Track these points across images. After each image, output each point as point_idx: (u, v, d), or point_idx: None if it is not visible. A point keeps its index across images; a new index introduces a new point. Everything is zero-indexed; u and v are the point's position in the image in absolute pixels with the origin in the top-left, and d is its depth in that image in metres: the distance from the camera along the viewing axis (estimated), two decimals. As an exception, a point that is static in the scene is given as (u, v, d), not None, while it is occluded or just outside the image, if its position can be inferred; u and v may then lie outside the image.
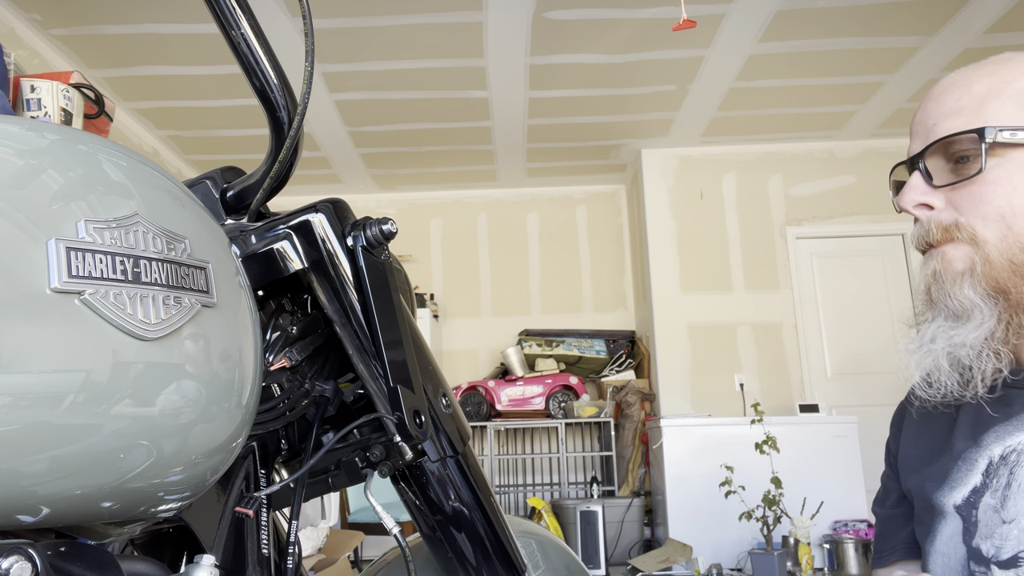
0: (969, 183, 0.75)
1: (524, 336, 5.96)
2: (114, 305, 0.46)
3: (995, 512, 0.76)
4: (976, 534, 0.78)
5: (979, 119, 0.75)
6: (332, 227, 0.72)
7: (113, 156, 0.53)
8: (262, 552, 0.70)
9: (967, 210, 0.76)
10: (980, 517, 0.78)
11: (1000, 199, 0.74)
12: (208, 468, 0.55)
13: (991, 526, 0.76)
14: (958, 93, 0.77)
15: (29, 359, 0.42)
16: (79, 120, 2.99)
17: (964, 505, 0.80)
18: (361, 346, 0.72)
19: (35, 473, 0.44)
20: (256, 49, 0.72)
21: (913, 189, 0.79)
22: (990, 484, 0.78)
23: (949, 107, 0.77)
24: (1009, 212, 0.73)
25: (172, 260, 0.51)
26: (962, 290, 0.75)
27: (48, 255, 0.44)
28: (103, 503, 0.49)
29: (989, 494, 0.78)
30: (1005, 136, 0.73)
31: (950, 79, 0.80)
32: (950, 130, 0.76)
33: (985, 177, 0.74)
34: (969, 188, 0.75)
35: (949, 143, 0.76)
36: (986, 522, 0.77)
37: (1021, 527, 0.73)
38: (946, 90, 0.79)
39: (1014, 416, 0.78)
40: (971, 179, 0.75)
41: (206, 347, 0.53)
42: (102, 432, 0.46)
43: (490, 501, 0.81)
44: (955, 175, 0.77)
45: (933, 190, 0.78)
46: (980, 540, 0.77)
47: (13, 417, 0.42)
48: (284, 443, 0.77)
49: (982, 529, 0.77)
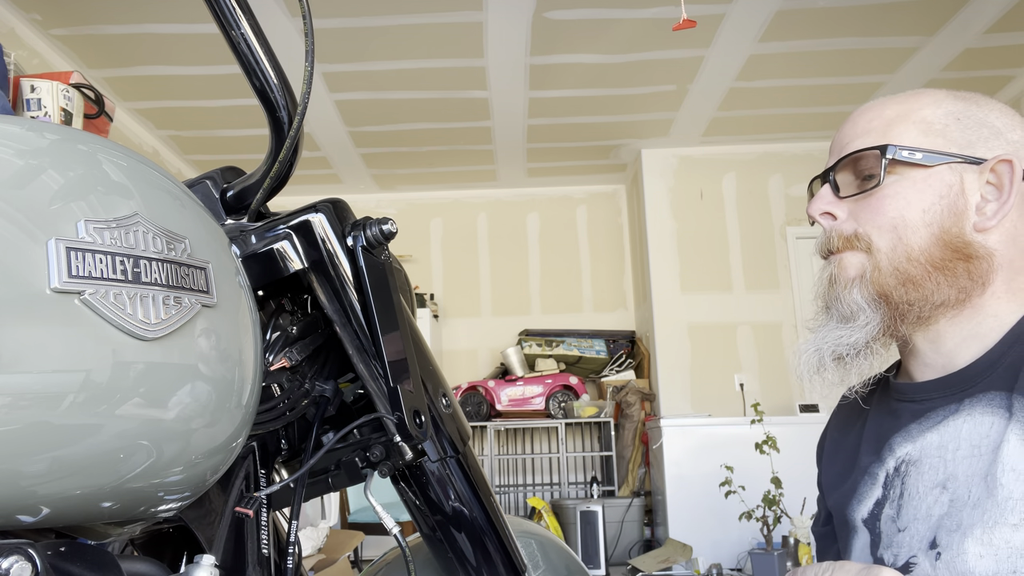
0: (869, 195, 0.81)
1: (524, 336, 5.96)
2: (114, 305, 0.46)
3: (892, 522, 0.80)
4: (880, 545, 0.82)
5: (885, 139, 0.81)
6: (332, 227, 0.72)
7: (113, 156, 0.52)
8: (262, 552, 0.70)
9: (865, 220, 0.81)
10: (882, 528, 0.82)
11: (894, 211, 0.80)
12: (208, 468, 0.55)
13: (890, 535, 0.80)
14: (871, 116, 0.85)
15: (29, 359, 0.42)
16: (79, 120, 2.99)
17: (869, 518, 0.84)
18: (361, 346, 0.72)
19: (35, 473, 0.44)
20: (256, 49, 0.72)
21: (821, 199, 0.86)
22: (889, 496, 0.83)
23: (862, 128, 0.85)
24: (901, 224, 0.79)
25: (172, 260, 0.51)
26: (851, 294, 0.81)
27: (48, 255, 0.44)
28: (103, 503, 0.49)
29: (888, 505, 0.82)
30: (903, 155, 0.80)
31: (868, 105, 0.88)
32: (859, 147, 0.83)
33: (883, 191, 0.80)
34: (869, 200, 0.82)
35: (857, 159, 0.83)
36: (887, 532, 0.81)
37: (911, 534, 0.77)
38: (862, 113, 0.87)
39: (902, 428, 0.83)
40: (870, 191, 0.81)
41: (206, 347, 0.53)
42: (102, 432, 0.46)
43: (490, 501, 0.81)
44: (858, 188, 0.83)
45: (838, 201, 0.84)
46: (883, 550, 0.81)
47: (13, 417, 0.42)
48: (284, 443, 0.77)
49: (884, 539, 0.81)
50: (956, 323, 0.79)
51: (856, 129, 0.86)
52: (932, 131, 0.81)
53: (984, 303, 0.78)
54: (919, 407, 0.82)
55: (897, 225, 0.79)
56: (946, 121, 0.81)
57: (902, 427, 0.83)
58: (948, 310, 0.79)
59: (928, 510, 0.76)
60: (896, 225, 0.79)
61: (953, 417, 0.78)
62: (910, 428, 0.82)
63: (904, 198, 0.80)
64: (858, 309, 0.80)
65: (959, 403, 0.78)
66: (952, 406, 0.78)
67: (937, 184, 0.79)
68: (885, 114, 0.84)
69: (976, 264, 0.78)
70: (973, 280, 0.78)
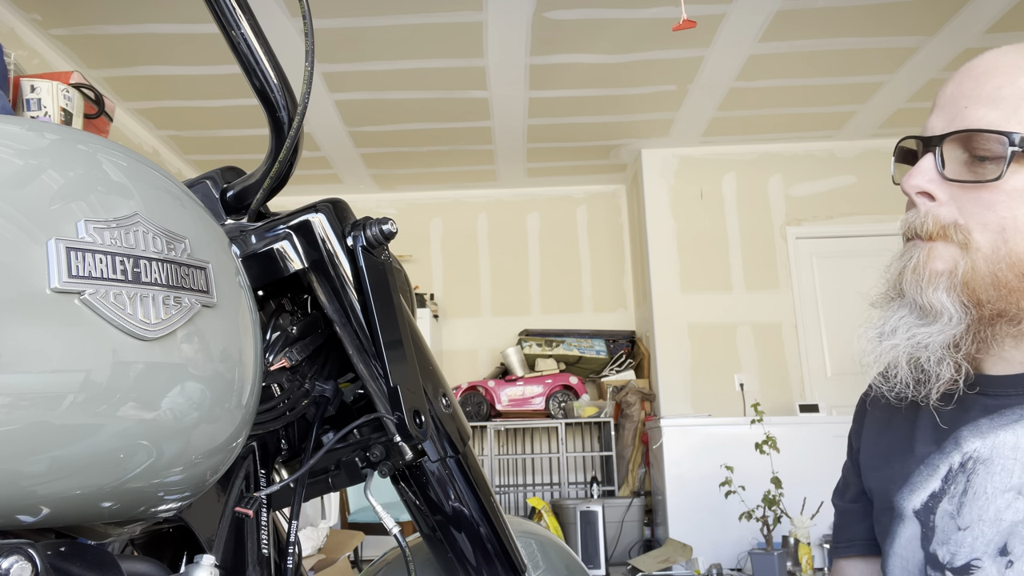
0: (982, 187, 0.70)
1: (524, 336, 5.96)
2: (114, 305, 0.46)
3: (951, 519, 0.75)
4: (933, 539, 0.77)
5: (1015, 119, 0.68)
6: (332, 227, 0.72)
7: (113, 156, 0.52)
8: (262, 552, 0.70)
9: (970, 213, 0.71)
10: (937, 523, 0.77)
11: (1007, 211, 0.69)
12: (208, 468, 0.55)
13: (947, 532, 0.76)
14: (1001, 80, 0.70)
15: (29, 359, 0.42)
16: (79, 120, 2.99)
17: (923, 510, 0.79)
18: (361, 346, 0.72)
19: (35, 473, 0.44)
20: (256, 49, 0.72)
21: (922, 173, 0.73)
22: (948, 490, 0.77)
23: (987, 93, 0.70)
24: (1012, 226, 0.69)
25: (172, 260, 0.51)
26: (936, 291, 0.72)
27: (48, 255, 0.44)
28: (103, 503, 0.49)
29: (947, 500, 0.77)
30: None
31: (995, 60, 0.72)
32: (981, 121, 0.69)
33: (1001, 185, 0.69)
34: (979, 192, 0.70)
35: (973, 135, 0.70)
36: (943, 528, 0.76)
37: (975, 535, 0.72)
38: (988, 72, 0.71)
39: (971, 421, 0.76)
40: (986, 184, 0.69)
41: (206, 347, 0.53)
42: (102, 432, 0.46)
43: (490, 501, 0.81)
44: (970, 172, 0.70)
45: (943, 181, 0.72)
46: (937, 546, 0.76)
47: (13, 417, 0.42)
48: (284, 443, 0.77)
49: (939, 535, 0.77)
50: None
51: (980, 92, 0.71)
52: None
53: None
54: (992, 402, 0.75)
55: (1007, 227, 0.69)
56: None
57: (971, 420, 0.76)
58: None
59: (998, 513, 0.71)
60: (1006, 227, 0.69)
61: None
62: (980, 423, 0.76)
63: (1022, 201, 0.69)
64: (942, 308, 0.72)
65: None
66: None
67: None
68: (1020, 82, 0.69)
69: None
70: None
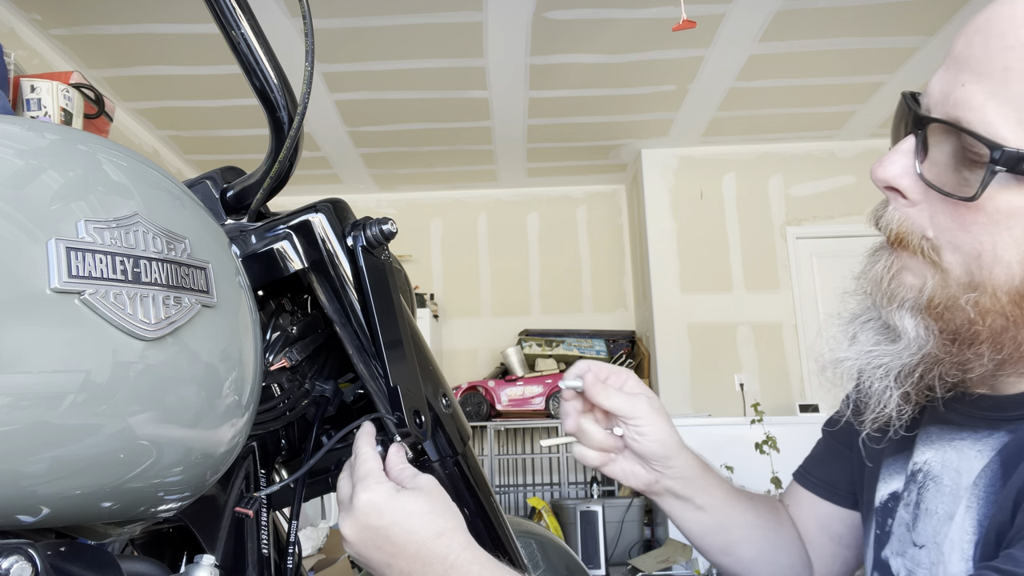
0: (958, 202, 0.56)
1: (524, 336, 5.96)
2: (114, 305, 0.46)
3: (907, 530, 0.67)
4: (886, 546, 0.70)
5: (1015, 120, 0.53)
6: (332, 227, 0.72)
7: (113, 156, 0.52)
8: (262, 552, 0.70)
9: (942, 227, 0.59)
10: (894, 530, 0.69)
11: (985, 236, 0.56)
12: (208, 468, 0.55)
13: (903, 544, 0.67)
14: (1014, 56, 0.53)
15: (29, 359, 0.42)
16: (79, 120, 2.99)
17: (882, 508, 0.72)
18: (361, 346, 0.72)
19: (35, 473, 0.44)
20: (256, 49, 0.72)
21: (895, 163, 0.61)
22: (904, 497, 0.69)
23: (993, 71, 0.54)
24: (989, 254, 0.56)
25: (172, 260, 0.51)
26: (901, 309, 0.62)
27: (48, 255, 0.44)
28: (103, 503, 0.48)
29: (903, 507, 0.69)
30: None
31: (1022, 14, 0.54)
32: (974, 112, 0.54)
33: (982, 204, 0.55)
34: (956, 205, 0.57)
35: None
36: (900, 538, 0.68)
37: (932, 559, 0.63)
38: (1005, 35, 0.54)
39: (922, 426, 0.69)
40: (966, 201, 0.56)
41: (206, 347, 0.52)
42: (102, 432, 0.46)
43: (490, 501, 0.81)
44: (953, 174, 0.57)
45: (916, 180, 0.60)
46: (892, 556, 0.69)
47: (13, 417, 0.42)
48: (284, 443, 0.77)
49: (894, 544, 0.69)
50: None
51: (986, 66, 0.54)
52: None
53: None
54: (946, 413, 0.67)
55: (984, 254, 0.56)
56: None
57: (922, 424, 0.69)
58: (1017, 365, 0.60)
59: (961, 543, 0.60)
60: (982, 253, 0.56)
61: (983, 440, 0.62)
62: (930, 431, 0.68)
63: (1006, 228, 0.55)
64: (902, 330, 0.62)
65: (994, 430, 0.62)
66: (985, 431, 0.63)
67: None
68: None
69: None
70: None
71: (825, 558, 0.86)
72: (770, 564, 0.84)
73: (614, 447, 0.80)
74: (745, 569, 0.85)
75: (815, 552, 0.87)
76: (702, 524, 0.83)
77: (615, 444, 0.80)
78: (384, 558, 0.64)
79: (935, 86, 0.59)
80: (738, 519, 0.84)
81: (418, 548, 0.63)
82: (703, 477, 0.82)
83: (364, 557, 0.66)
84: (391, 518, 0.64)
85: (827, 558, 0.86)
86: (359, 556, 0.66)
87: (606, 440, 0.79)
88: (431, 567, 0.63)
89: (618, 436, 0.79)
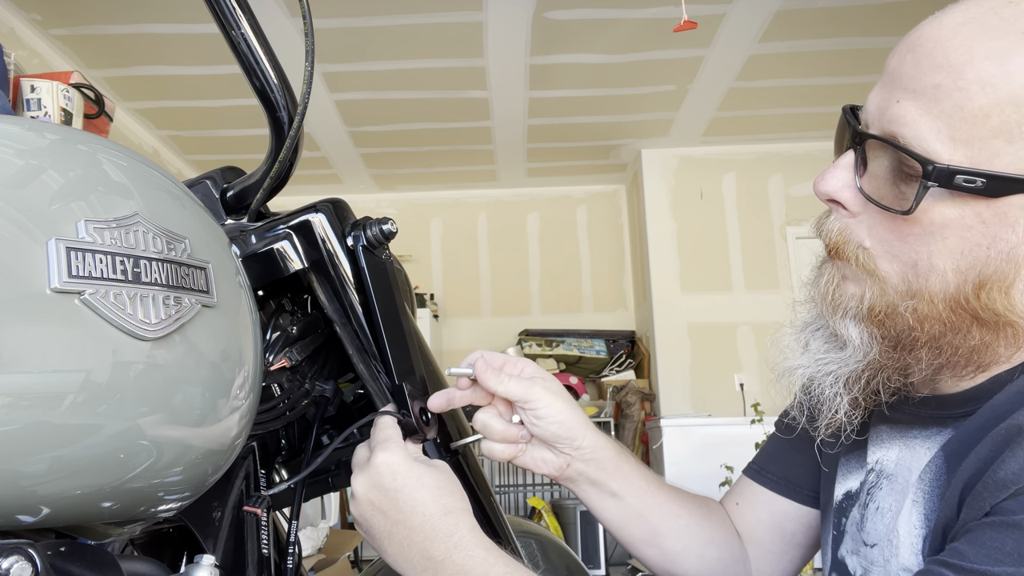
0: (894, 215, 0.58)
1: (524, 336, 5.96)
2: (114, 305, 0.46)
3: (858, 529, 0.69)
4: (841, 544, 0.71)
5: (947, 135, 0.55)
6: (332, 227, 0.72)
7: (113, 156, 0.52)
8: (262, 552, 0.70)
9: (879, 238, 0.61)
10: (847, 529, 0.71)
11: (922, 247, 0.58)
12: (208, 468, 0.55)
13: (856, 542, 0.69)
14: (943, 74, 0.55)
15: (29, 359, 0.42)
16: (79, 120, 2.99)
17: (837, 508, 0.73)
18: (361, 346, 0.72)
19: (35, 473, 0.44)
20: (256, 49, 0.72)
21: (835, 176, 0.62)
22: (858, 497, 0.70)
23: (925, 87, 0.56)
24: (925, 263, 0.58)
25: (172, 260, 0.51)
26: (845, 318, 0.64)
27: (48, 255, 0.44)
28: (103, 503, 0.48)
29: (857, 506, 0.70)
30: (961, 181, 0.54)
31: (949, 32, 0.56)
32: (907, 129, 0.56)
33: (918, 216, 0.57)
34: (895, 219, 0.59)
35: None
36: (852, 536, 0.70)
37: (886, 557, 0.64)
38: (934, 53, 0.56)
39: (874, 426, 0.70)
40: (902, 215, 0.57)
41: (206, 347, 0.52)
42: (102, 432, 0.46)
43: (490, 501, 0.81)
44: (891, 188, 0.59)
45: (856, 193, 0.61)
46: (847, 555, 0.70)
47: (13, 417, 0.42)
48: (284, 443, 0.77)
49: (848, 543, 0.70)
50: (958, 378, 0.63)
51: (918, 82, 0.56)
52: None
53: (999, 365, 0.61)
54: (895, 414, 0.69)
55: (920, 263, 0.59)
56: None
57: (872, 425, 0.71)
58: (960, 368, 0.62)
59: (910, 538, 0.62)
60: (918, 263, 0.59)
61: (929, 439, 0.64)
62: (881, 430, 0.70)
63: (940, 238, 0.57)
64: (848, 338, 0.64)
65: (942, 427, 0.64)
66: (935, 428, 0.64)
67: (997, 226, 0.56)
68: (967, 78, 0.54)
69: (1008, 332, 0.59)
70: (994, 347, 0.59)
71: (771, 556, 0.85)
72: (697, 558, 0.83)
73: (519, 437, 0.78)
74: (670, 563, 0.83)
75: (760, 550, 0.85)
76: (620, 512, 0.81)
77: (519, 434, 0.78)
78: (386, 525, 0.65)
79: (872, 102, 0.62)
80: (658, 509, 0.82)
81: (423, 521, 0.64)
82: (616, 460, 0.80)
83: (367, 521, 0.66)
84: (403, 482, 0.64)
85: (774, 556, 0.85)
86: (361, 518, 0.66)
87: (507, 431, 0.77)
88: (433, 542, 0.63)
89: (518, 424, 0.78)
